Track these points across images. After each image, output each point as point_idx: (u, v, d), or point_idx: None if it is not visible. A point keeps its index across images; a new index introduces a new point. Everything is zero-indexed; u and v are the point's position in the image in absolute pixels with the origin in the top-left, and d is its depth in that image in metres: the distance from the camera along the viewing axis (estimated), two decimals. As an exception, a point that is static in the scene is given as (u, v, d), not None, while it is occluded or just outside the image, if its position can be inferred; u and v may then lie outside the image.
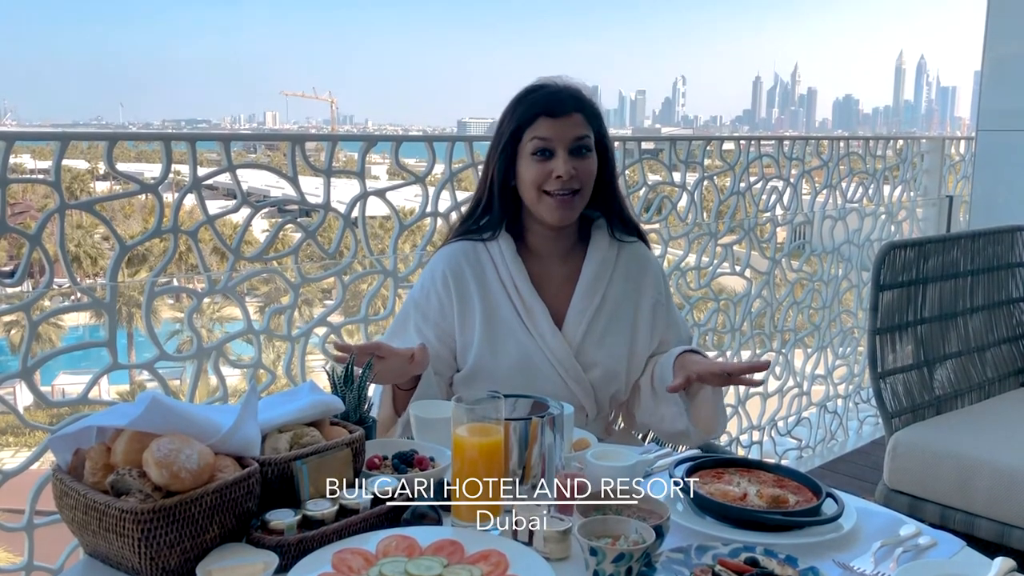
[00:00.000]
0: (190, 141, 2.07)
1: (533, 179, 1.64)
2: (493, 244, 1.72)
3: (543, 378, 1.66)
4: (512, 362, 1.66)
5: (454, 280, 1.69)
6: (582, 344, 1.69)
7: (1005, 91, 3.70)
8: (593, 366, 1.69)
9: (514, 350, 1.66)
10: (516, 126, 1.65)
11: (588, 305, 1.70)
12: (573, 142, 1.64)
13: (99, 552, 1.09)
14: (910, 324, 2.66)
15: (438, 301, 1.70)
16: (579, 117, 1.66)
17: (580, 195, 1.66)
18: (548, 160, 1.63)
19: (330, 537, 1.11)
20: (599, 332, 1.71)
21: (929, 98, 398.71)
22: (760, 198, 3.46)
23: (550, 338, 1.67)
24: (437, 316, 1.70)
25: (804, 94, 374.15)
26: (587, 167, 1.66)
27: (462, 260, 1.71)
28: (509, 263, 1.70)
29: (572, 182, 1.63)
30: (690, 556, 1.11)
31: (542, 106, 1.64)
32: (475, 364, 1.67)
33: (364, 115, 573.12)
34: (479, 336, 1.67)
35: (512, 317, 1.67)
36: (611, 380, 1.71)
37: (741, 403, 3.47)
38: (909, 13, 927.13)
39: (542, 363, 1.66)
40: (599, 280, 1.72)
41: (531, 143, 1.64)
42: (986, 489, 2.32)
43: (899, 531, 1.23)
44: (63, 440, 1.15)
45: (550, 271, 1.73)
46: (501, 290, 1.69)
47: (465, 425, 1.18)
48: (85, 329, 23.29)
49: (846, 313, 4.00)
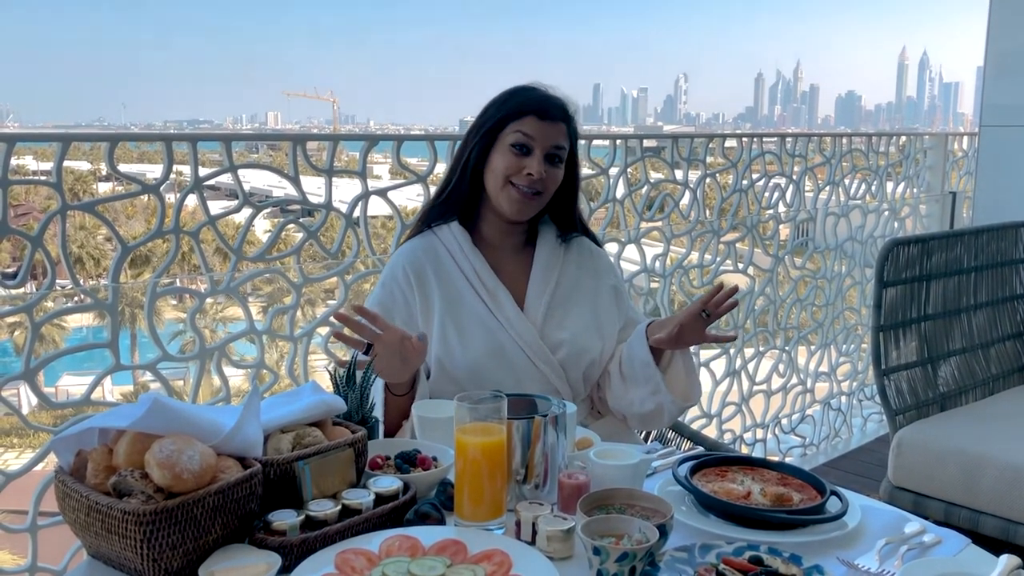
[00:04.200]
0: (191, 141, 2.07)
1: (504, 168, 1.68)
2: (446, 234, 1.75)
3: (513, 363, 1.68)
4: (481, 349, 1.67)
5: (414, 274, 1.72)
6: (545, 324, 1.72)
7: (1008, 86, 3.69)
8: (559, 345, 1.72)
9: (482, 337, 1.68)
10: (503, 115, 1.69)
11: (544, 288, 1.75)
12: (552, 148, 1.68)
13: (102, 553, 1.09)
14: (914, 321, 2.65)
15: (402, 295, 1.72)
16: (563, 128, 1.71)
17: (540, 198, 1.70)
18: (524, 156, 1.67)
19: (333, 538, 1.11)
20: (560, 311, 1.74)
21: (932, 94, 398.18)
22: (763, 195, 3.46)
23: (516, 321, 1.70)
24: (403, 312, 1.71)
25: (806, 91, 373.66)
26: (555, 176, 1.71)
27: (420, 255, 1.74)
28: (468, 253, 1.73)
29: (538, 184, 1.67)
30: (694, 555, 1.10)
31: (534, 105, 1.69)
32: (443, 352, 1.68)
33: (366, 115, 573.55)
34: (443, 327, 1.69)
35: (477, 304, 1.70)
36: (579, 357, 1.73)
37: (745, 401, 3.47)
38: (911, 9, 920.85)
39: (511, 347, 1.69)
40: (551, 265, 1.77)
41: (513, 135, 1.67)
42: (991, 486, 2.32)
43: (904, 529, 1.23)
44: (65, 442, 1.15)
45: (504, 261, 1.77)
46: (462, 280, 1.72)
47: (468, 425, 1.18)
48: (88, 330, 23.31)
49: (849, 310, 3.99)
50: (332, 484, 1.19)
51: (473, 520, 1.18)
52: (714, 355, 3.37)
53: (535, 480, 1.24)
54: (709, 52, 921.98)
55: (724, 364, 3.38)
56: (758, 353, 3.52)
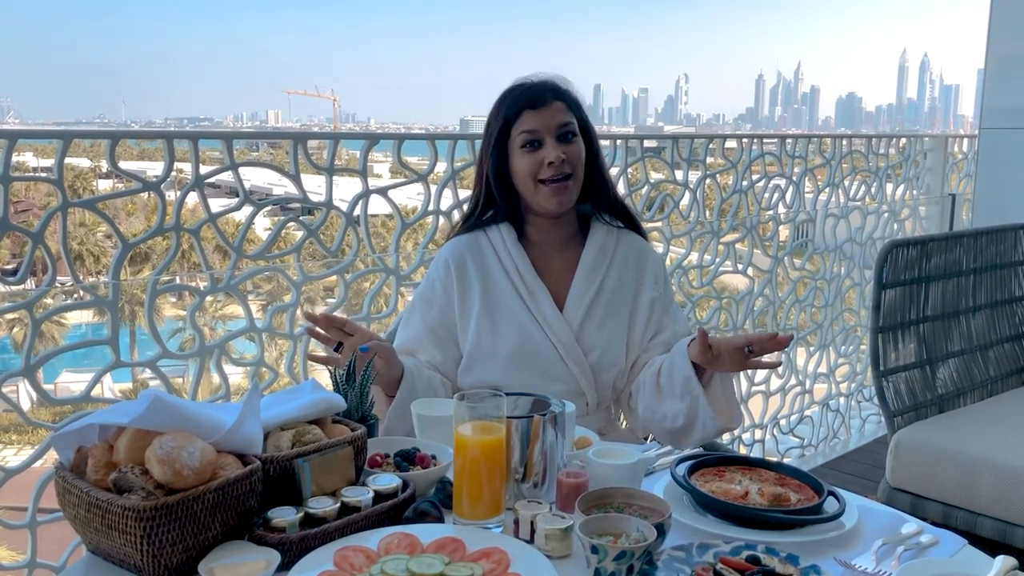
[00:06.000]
0: (192, 139, 2.07)
1: (527, 170, 1.69)
2: (495, 233, 1.77)
3: (544, 360, 1.70)
4: (514, 343, 1.69)
5: (456, 267, 1.75)
6: (582, 327, 1.73)
7: (1008, 89, 3.69)
8: (593, 349, 1.73)
9: (516, 332, 1.70)
10: (503, 123, 1.71)
11: (587, 289, 1.75)
12: (558, 129, 1.69)
13: (101, 550, 1.09)
14: (912, 322, 2.66)
15: (442, 287, 1.75)
16: (560, 105, 1.71)
17: (574, 179, 1.71)
18: (538, 150, 1.68)
19: (332, 535, 1.12)
20: (599, 316, 1.75)
21: (932, 96, 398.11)
22: (763, 196, 3.46)
23: (552, 320, 1.71)
24: (442, 301, 1.75)
25: (807, 92, 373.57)
26: (576, 151, 1.71)
27: (464, 249, 1.77)
28: (511, 250, 1.75)
29: (564, 166, 1.68)
30: (692, 554, 1.11)
31: (524, 100, 1.70)
32: (476, 345, 1.71)
33: (367, 113, 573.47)
34: (480, 318, 1.72)
35: (515, 301, 1.72)
36: (610, 365, 1.74)
37: (743, 401, 3.47)
38: (912, 11, 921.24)
39: (544, 345, 1.70)
40: (598, 266, 1.77)
41: (520, 136, 1.69)
42: (988, 487, 2.32)
43: (901, 529, 1.23)
44: (65, 438, 1.15)
45: (550, 259, 1.78)
46: (503, 276, 1.74)
47: (467, 423, 1.19)
48: (88, 327, 23.31)
49: (848, 311, 3.99)
50: (331, 481, 1.20)
51: (472, 518, 1.18)
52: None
53: (534, 479, 1.24)
54: (710, 53, 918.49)
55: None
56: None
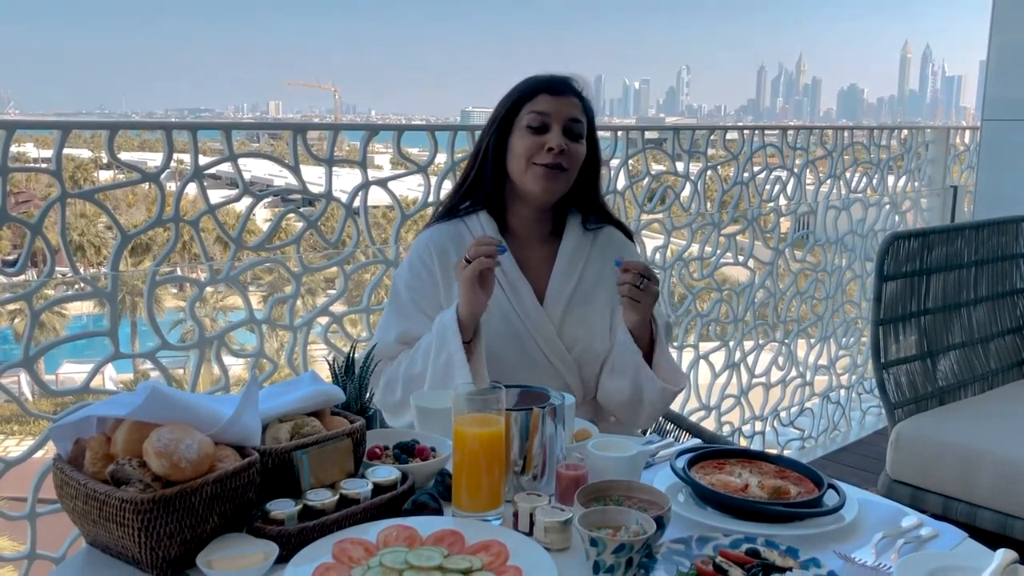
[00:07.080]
0: (192, 130, 2.06)
1: (525, 150, 1.66)
2: (474, 222, 1.74)
3: (527, 354, 1.68)
4: (497, 338, 1.67)
5: (438, 255, 1.71)
6: (563, 321, 1.71)
7: (1011, 80, 3.68)
8: (575, 343, 1.71)
9: (500, 327, 1.68)
10: (516, 99, 1.69)
11: (566, 284, 1.73)
12: (569, 121, 1.67)
13: (100, 541, 1.09)
14: (913, 315, 2.65)
15: (428, 275, 1.72)
16: (576, 101, 1.70)
17: (566, 175, 1.69)
18: (542, 134, 1.66)
19: (330, 527, 1.11)
20: (580, 310, 1.73)
21: (934, 87, 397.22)
22: (764, 188, 3.45)
23: (534, 315, 1.70)
24: (431, 290, 1.72)
25: (808, 84, 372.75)
26: (577, 150, 1.69)
27: (445, 239, 1.73)
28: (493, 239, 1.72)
29: (562, 158, 1.66)
30: (691, 547, 1.11)
31: (544, 84, 1.68)
32: None
33: (367, 105, 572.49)
34: None
35: (498, 295, 1.68)
36: (594, 358, 1.73)
37: (744, 393, 3.47)
38: (914, 2, 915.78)
39: (526, 340, 1.69)
40: (575, 262, 1.75)
41: (528, 116, 1.67)
42: (988, 480, 2.32)
43: (901, 522, 1.23)
44: (63, 429, 1.15)
45: (530, 252, 1.76)
46: None
47: (466, 415, 1.18)
48: (88, 318, 23.32)
49: (849, 303, 3.99)
50: (330, 474, 1.19)
51: (471, 511, 1.18)
52: (713, 347, 3.37)
53: (533, 471, 1.24)
54: (712, 44, 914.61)
55: (723, 356, 3.38)
56: (757, 346, 3.52)
